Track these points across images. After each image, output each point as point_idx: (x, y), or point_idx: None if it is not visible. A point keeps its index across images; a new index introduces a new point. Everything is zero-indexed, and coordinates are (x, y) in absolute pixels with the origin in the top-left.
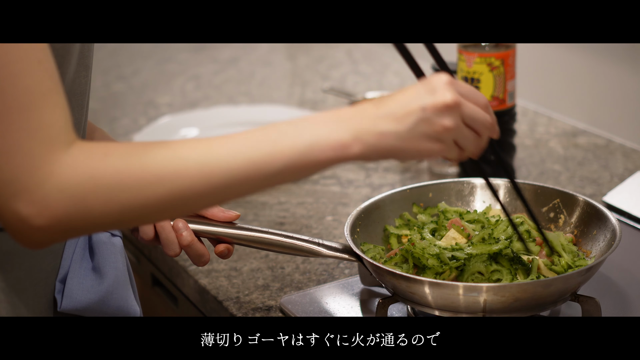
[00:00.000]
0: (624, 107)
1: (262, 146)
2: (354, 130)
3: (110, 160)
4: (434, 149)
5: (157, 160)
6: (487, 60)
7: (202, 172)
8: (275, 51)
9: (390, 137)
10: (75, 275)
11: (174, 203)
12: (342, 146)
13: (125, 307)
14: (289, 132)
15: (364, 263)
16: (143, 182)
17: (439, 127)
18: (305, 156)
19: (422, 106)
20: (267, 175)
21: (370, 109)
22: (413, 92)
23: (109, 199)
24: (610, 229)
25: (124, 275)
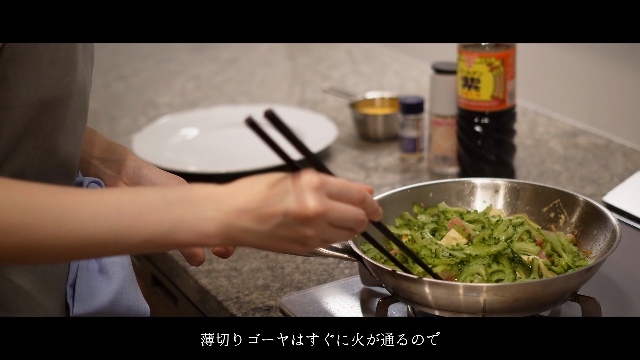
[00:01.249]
0: (624, 107)
1: (127, 218)
2: (218, 222)
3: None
4: (295, 249)
5: (16, 209)
6: (487, 60)
7: (58, 231)
8: (275, 51)
9: (252, 234)
10: (84, 279)
11: (22, 253)
12: (204, 236)
13: (135, 306)
14: (157, 206)
15: (364, 263)
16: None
17: (300, 235)
18: (166, 237)
19: (284, 211)
20: (123, 247)
21: (240, 198)
22: (280, 191)
23: None
24: (611, 229)
25: (131, 275)
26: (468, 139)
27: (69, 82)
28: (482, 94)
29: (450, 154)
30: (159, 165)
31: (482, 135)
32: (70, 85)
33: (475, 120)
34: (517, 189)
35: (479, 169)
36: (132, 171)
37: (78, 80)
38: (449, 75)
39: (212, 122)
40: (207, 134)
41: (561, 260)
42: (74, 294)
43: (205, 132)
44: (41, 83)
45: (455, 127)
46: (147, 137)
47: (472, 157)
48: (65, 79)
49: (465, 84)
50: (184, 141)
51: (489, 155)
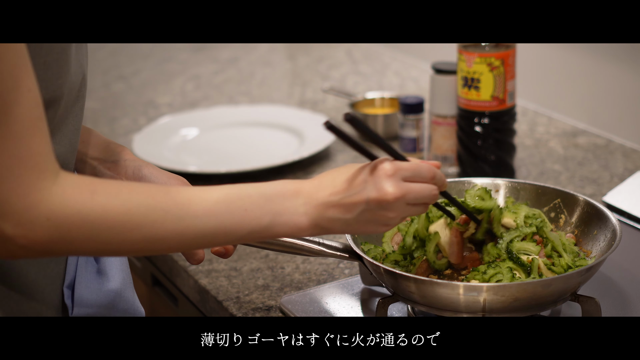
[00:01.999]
0: (624, 107)
1: (234, 214)
2: (310, 216)
3: (98, 199)
4: (380, 230)
5: (141, 208)
6: (487, 60)
7: (177, 227)
8: (275, 51)
9: (339, 223)
10: (83, 280)
11: (145, 247)
12: (298, 229)
13: (132, 309)
14: (259, 203)
15: (364, 263)
16: (125, 227)
17: (383, 218)
18: (266, 230)
19: (366, 199)
20: (232, 238)
21: (324, 194)
22: (360, 181)
23: (91, 236)
24: (611, 229)
25: (129, 277)
26: (468, 139)
27: (61, 84)
28: (482, 94)
29: (450, 154)
30: (159, 165)
31: (482, 135)
32: (62, 86)
33: (475, 120)
34: (517, 189)
35: (479, 169)
36: (131, 171)
37: (70, 81)
38: (449, 75)
39: (212, 122)
40: (207, 134)
41: (561, 260)
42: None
43: (205, 132)
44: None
45: (455, 127)
46: (147, 137)
47: (472, 157)
48: (58, 81)
49: (465, 84)
50: (184, 141)
51: (489, 155)
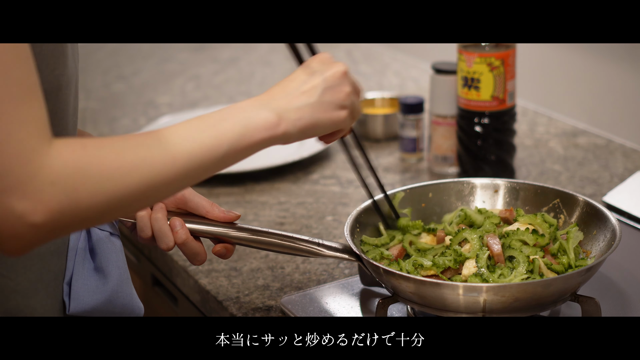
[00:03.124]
0: (624, 107)
1: (207, 131)
2: (276, 109)
3: (89, 150)
4: (341, 116)
5: (127, 150)
6: (487, 60)
7: (167, 158)
8: (275, 51)
9: (306, 110)
10: (80, 277)
11: (149, 191)
12: (271, 124)
13: (130, 304)
14: (222, 117)
15: (364, 263)
16: (121, 170)
17: (342, 93)
18: (243, 137)
19: (323, 77)
20: (216, 158)
21: (279, 91)
22: (309, 70)
23: (96, 190)
24: (610, 229)
25: (126, 273)
26: (468, 139)
27: (59, 75)
28: (482, 94)
29: (450, 154)
30: None
31: (482, 135)
32: (60, 77)
33: (475, 120)
34: (517, 189)
35: (479, 169)
36: None
37: (68, 73)
38: (449, 75)
39: None
40: None
41: (563, 258)
42: (70, 292)
43: None
44: None
45: (455, 127)
46: None
47: (472, 157)
48: (55, 72)
49: (465, 84)
50: None
51: (489, 155)
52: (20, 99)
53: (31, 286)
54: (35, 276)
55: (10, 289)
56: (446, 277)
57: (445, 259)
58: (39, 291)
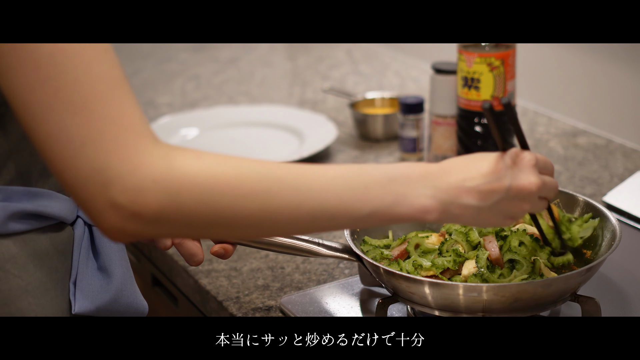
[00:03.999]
0: (624, 107)
1: (355, 190)
2: (441, 199)
3: (205, 162)
4: (504, 223)
5: (253, 174)
6: (487, 60)
7: (295, 197)
8: (275, 51)
9: (471, 210)
10: (84, 277)
11: (262, 222)
12: (425, 212)
13: (135, 303)
14: (381, 182)
15: (364, 263)
16: (237, 192)
17: (518, 209)
18: (390, 210)
19: (507, 187)
20: (352, 217)
21: (457, 178)
22: (500, 168)
23: (202, 200)
24: (610, 229)
25: (129, 272)
26: (468, 139)
27: None
28: (482, 94)
29: (450, 154)
30: None
31: (482, 135)
32: None
33: (475, 120)
34: None
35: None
36: None
37: None
38: (449, 75)
39: (212, 122)
40: (207, 134)
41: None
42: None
43: (205, 132)
44: None
45: (455, 127)
46: None
47: None
48: None
49: (465, 84)
50: (184, 141)
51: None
52: (106, 95)
53: (41, 285)
54: (45, 276)
55: (22, 288)
56: (446, 277)
57: (445, 259)
58: (49, 290)
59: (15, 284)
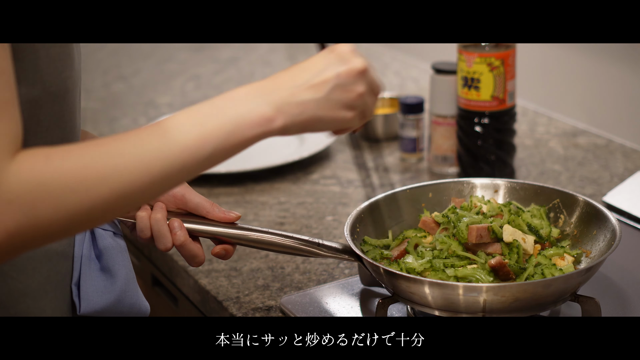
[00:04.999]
0: (624, 107)
1: (192, 131)
2: (275, 102)
3: (53, 163)
4: (347, 116)
5: (96, 159)
6: (487, 60)
7: (140, 165)
8: (275, 51)
9: (310, 105)
10: (87, 278)
11: (120, 201)
12: (266, 120)
13: (138, 303)
14: (212, 113)
15: (364, 263)
16: (87, 184)
17: (354, 94)
18: (233, 136)
19: (337, 73)
20: (201, 159)
21: (286, 80)
22: (325, 60)
23: (57, 205)
24: (610, 229)
25: (131, 273)
26: (468, 139)
27: (66, 78)
28: (482, 94)
29: (450, 154)
30: None
31: (482, 135)
32: (67, 80)
33: (475, 120)
34: (516, 189)
35: (479, 169)
36: None
37: (74, 75)
38: (449, 75)
39: None
40: None
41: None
42: (79, 293)
43: None
44: (39, 79)
45: (455, 127)
46: None
47: (472, 157)
48: (62, 74)
49: (465, 84)
50: None
51: (489, 155)
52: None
53: (40, 288)
54: (44, 278)
55: (20, 291)
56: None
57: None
58: (48, 293)
59: (13, 287)
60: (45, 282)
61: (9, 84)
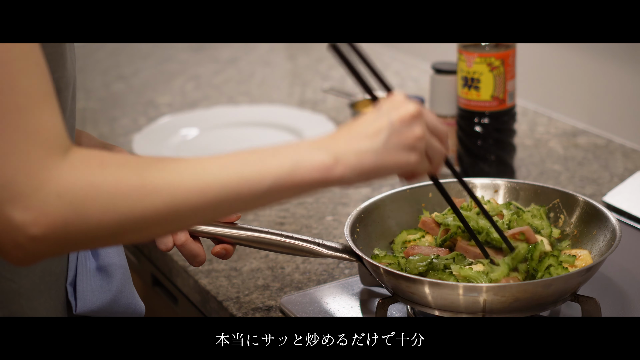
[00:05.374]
0: (624, 107)
1: (252, 164)
2: (334, 152)
3: (109, 169)
4: (410, 159)
5: (154, 173)
6: (487, 60)
7: (197, 186)
8: (275, 51)
9: (368, 154)
10: (84, 277)
11: (170, 217)
12: (325, 168)
13: (133, 304)
14: (275, 153)
15: (364, 263)
16: (141, 192)
17: (411, 137)
18: (292, 175)
19: (390, 121)
20: (257, 192)
21: (344, 133)
22: (376, 112)
23: (107, 208)
24: (610, 229)
25: (127, 273)
26: (468, 139)
27: (58, 78)
28: (482, 94)
29: (450, 154)
30: None
31: (482, 135)
32: (59, 80)
33: (475, 120)
34: (516, 189)
35: (479, 169)
36: None
37: (67, 75)
38: (449, 75)
39: (212, 122)
40: (207, 134)
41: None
42: (75, 293)
43: (205, 132)
44: None
45: (455, 127)
46: (147, 137)
47: (472, 157)
48: (55, 74)
49: (465, 84)
50: (184, 141)
51: (489, 155)
52: (28, 109)
53: (34, 288)
54: (38, 278)
55: (14, 291)
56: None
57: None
58: (42, 293)
59: (7, 287)
60: (40, 282)
61: (46, 76)
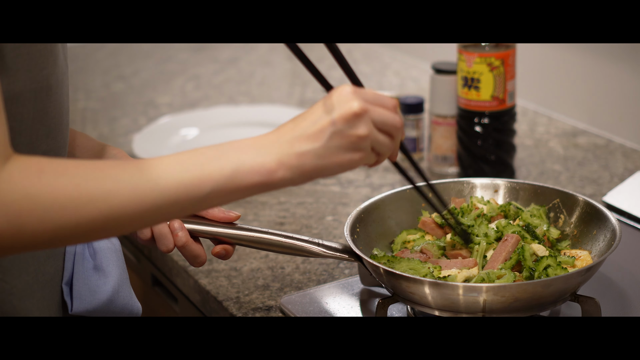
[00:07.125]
0: (624, 107)
1: (191, 169)
2: (275, 154)
3: (46, 179)
4: (353, 158)
5: (91, 182)
6: (487, 60)
7: (134, 194)
8: (275, 51)
9: (309, 156)
10: (80, 276)
11: (106, 224)
12: (267, 171)
13: (130, 304)
14: (215, 156)
15: (364, 263)
16: (78, 203)
17: (354, 137)
18: (232, 180)
19: (331, 120)
20: (196, 198)
21: (286, 132)
22: (321, 108)
23: (43, 218)
24: (610, 229)
25: (125, 273)
26: (468, 139)
27: (48, 75)
28: (482, 94)
29: (450, 154)
30: None
31: (482, 135)
32: (49, 77)
33: (475, 120)
34: (516, 189)
35: (479, 169)
36: None
37: (58, 72)
38: (449, 75)
39: (212, 122)
40: (207, 134)
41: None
42: (71, 292)
43: (205, 132)
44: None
45: (455, 127)
46: (147, 137)
47: (472, 157)
48: (44, 71)
49: (465, 84)
50: (184, 141)
51: (489, 155)
52: None
53: (27, 288)
54: (31, 278)
55: (6, 291)
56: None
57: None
58: (35, 293)
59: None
60: (33, 282)
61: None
